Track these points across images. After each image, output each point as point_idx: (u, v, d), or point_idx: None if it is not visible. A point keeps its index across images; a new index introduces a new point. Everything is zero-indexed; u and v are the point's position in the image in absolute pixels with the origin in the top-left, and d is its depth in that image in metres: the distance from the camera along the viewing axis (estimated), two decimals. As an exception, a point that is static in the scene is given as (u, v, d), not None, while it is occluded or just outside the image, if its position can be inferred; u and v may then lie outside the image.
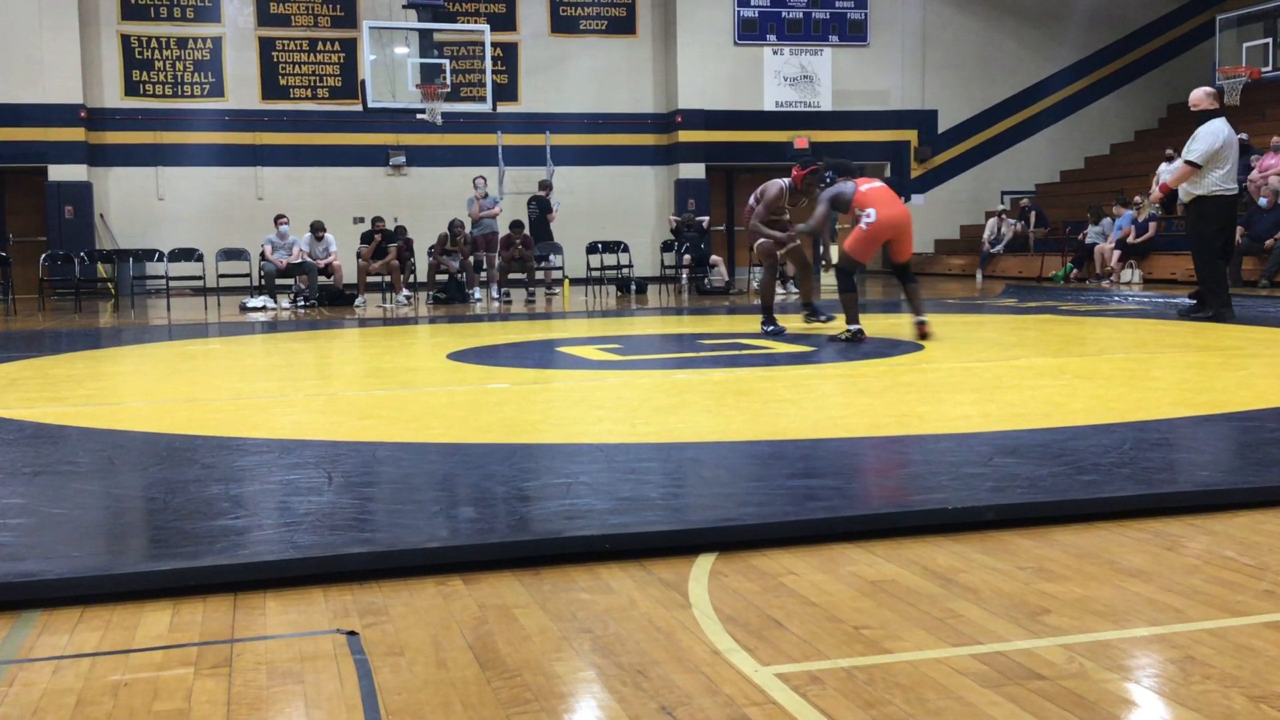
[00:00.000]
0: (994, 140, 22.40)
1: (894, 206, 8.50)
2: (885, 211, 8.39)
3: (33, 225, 19.05)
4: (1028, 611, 2.57)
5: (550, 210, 17.34)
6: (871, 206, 8.38)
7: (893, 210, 8.45)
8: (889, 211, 8.41)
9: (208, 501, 3.58)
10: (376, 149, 20.06)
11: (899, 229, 8.49)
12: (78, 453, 4.52)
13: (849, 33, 21.48)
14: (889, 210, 8.41)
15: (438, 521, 3.35)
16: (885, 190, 8.61)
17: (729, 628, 2.50)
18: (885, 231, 8.45)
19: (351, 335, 10.76)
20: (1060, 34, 22.45)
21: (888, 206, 8.43)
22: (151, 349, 9.59)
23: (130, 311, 14.66)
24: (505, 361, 7.99)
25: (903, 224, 8.50)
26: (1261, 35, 17.34)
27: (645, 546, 3.06)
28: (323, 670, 2.31)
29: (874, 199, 8.44)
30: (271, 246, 15.28)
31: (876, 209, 8.37)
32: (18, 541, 3.13)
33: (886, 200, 8.49)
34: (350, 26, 19.68)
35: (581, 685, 2.22)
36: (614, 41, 20.99)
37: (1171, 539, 3.14)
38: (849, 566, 2.94)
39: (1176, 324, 9.45)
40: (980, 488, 3.58)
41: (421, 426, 5.03)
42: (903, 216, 8.53)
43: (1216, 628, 2.45)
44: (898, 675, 2.22)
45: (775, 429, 4.77)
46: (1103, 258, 16.64)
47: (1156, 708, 2.07)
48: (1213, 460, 4.18)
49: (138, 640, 2.51)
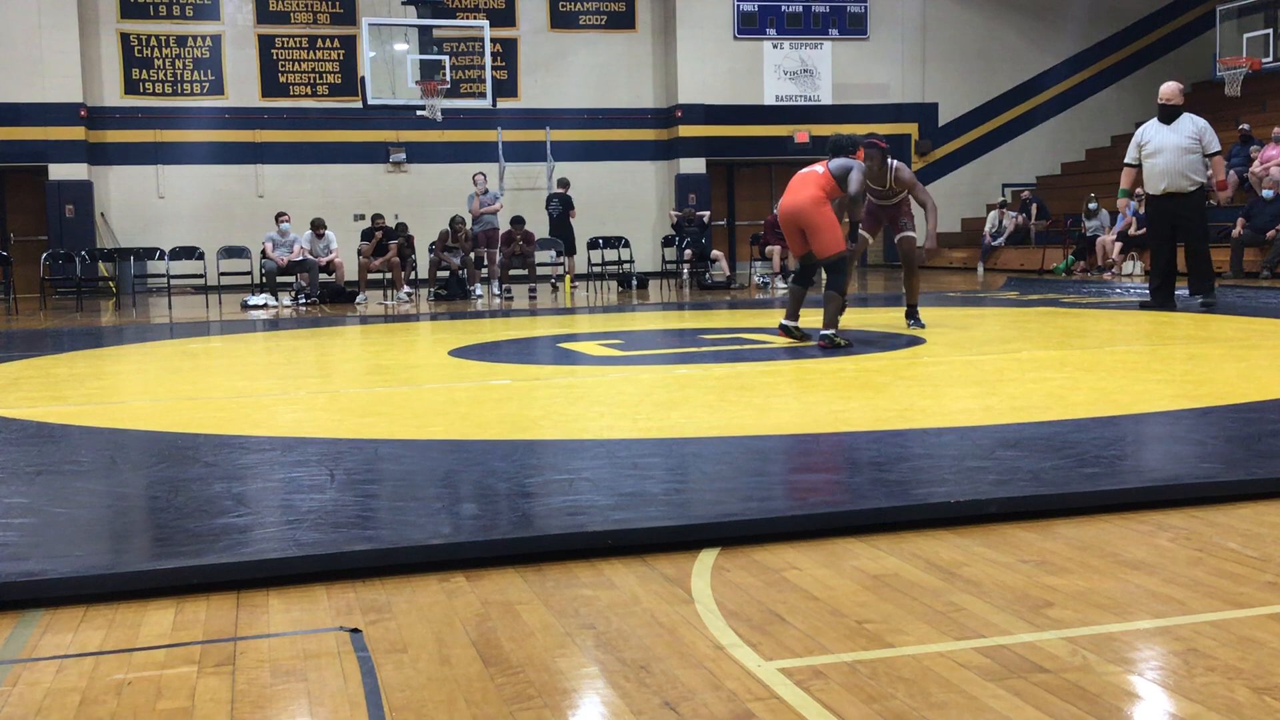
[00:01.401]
0: (994, 133, 22.37)
1: (795, 194, 7.59)
2: (783, 200, 7.71)
3: (33, 224, 19.05)
4: (1030, 604, 2.57)
5: (573, 207, 17.41)
6: None
7: (788, 199, 7.63)
8: (785, 200, 7.68)
9: (210, 500, 3.58)
10: (377, 146, 20.04)
11: (795, 218, 7.57)
12: (80, 452, 4.53)
13: (849, 26, 21.44)
14: (786, 198, 7.65)
15: (440, 518, 3.35)
16: (803, 175, 7.68)
17: (732, 623, 2.51)
18: (784, 222, 7.70)
19: (353, 332, 10.76)
20: (1060, 26, 22.41)
21: (789, 194, 7.64)
22: (153, 347, 9.59)
23: (131, 310, 14.66)
24: (507, 358, 7.99)
25: (796, 212, 7.55)
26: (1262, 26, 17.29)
27: (648, 542, 3.06)
28: (326, 668, 2.32)
29: (789, 186, 7.70)
30: (272, 244, 15.27)
31: (783, 196, 7.75)
32: (21, 541, 3.13)
33: (795, 186, 7.64)
34: (350, 23, 19.66)
35: (585, 681, 2.22)
36: (613, 36, 20.96)
37: (1174, 531, 3.14)
38: (851, 561, 2.94)
39: (1178, 316, 9.44)
40: (982, 481, 3.58)
41: (423, 423, 5.03)
42: (795, 205, 7.56)
43: (1219, 620, 2.45)
44: (901, 669, 2.22)
45: (777, 424, 4.77)
46: (1104, 250, 16.63)
47: (1160, 700, 2.07)
48: (1215, 452, 4.18)
49: (141, 639, 2.52)
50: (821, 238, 7.52)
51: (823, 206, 7.56)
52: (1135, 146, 9.88)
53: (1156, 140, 9.66)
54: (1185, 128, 9.60)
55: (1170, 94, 9.71)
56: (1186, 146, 9.55)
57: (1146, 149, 9.73)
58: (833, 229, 7.58)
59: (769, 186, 22.11)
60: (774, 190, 21.84)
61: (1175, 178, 9.59)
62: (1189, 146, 9.55)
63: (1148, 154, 9.74)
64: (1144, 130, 9.88)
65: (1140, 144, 9.81)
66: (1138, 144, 9.84)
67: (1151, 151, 9.69)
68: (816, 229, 7.51)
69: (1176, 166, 9.57)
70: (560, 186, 17.78)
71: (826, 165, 7.66)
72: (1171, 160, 9.57)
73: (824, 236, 7.52)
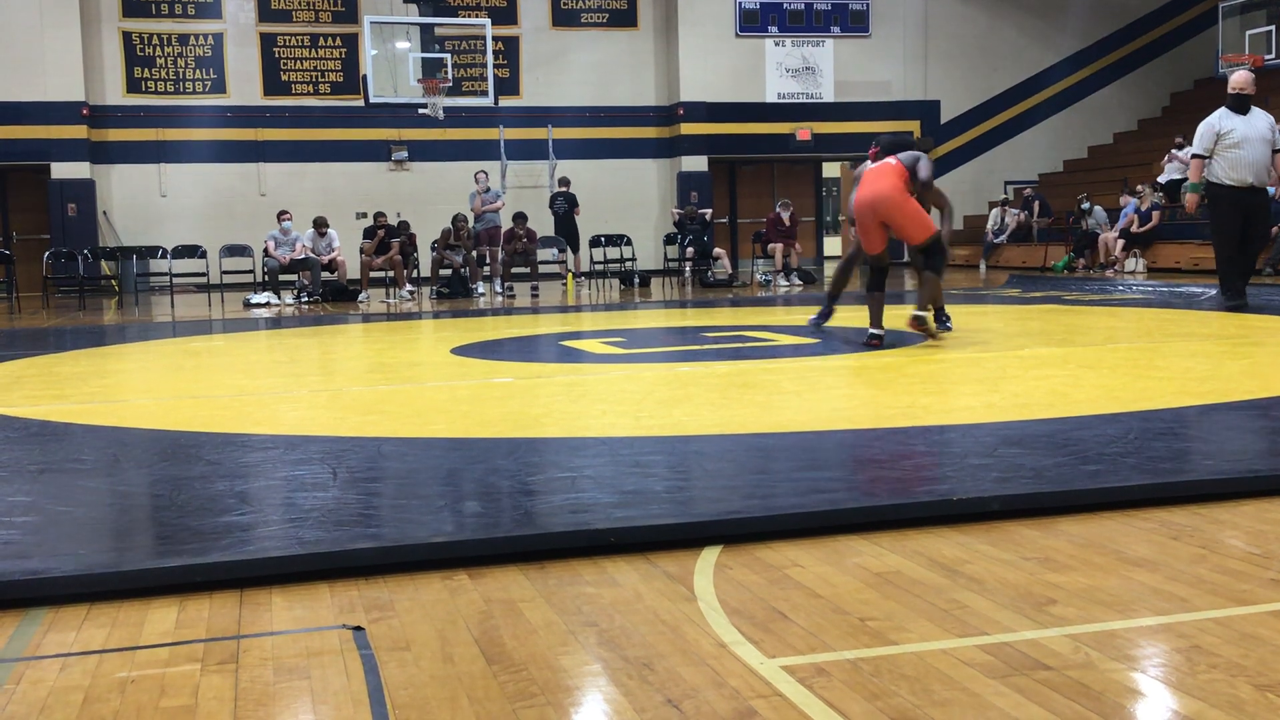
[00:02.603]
0: (996, 130, 22.35)
1: (873, 185, 7.44)
2: (860, 194, 7.52)
3: (36, 223, 19.07)
4: (1033, 602, 2.57)
5: (578, 205, 17.42)
6: (857, 189, 7.61)
7: (868, 191, 7.45)
8: (864, 193, 7.48)
9: (213, 498, 3.58)
10: (378, 144, 20.05)
11: (878, 210, 7.41)
12: (83, 450, 4.53)
13: (850, 23, 21.42)
14: (864, 191, 7.48)
15: (443, 516, 3.36)
16: (881, 167, 7.56)
17: (734, 620, 2.51)
18: (863, 215, 7.50)
19: (355, 331, 10.76)
20: (1062, 23, 22.39)
21: (866, 187, 7.48)
22: (155, 346, 9.60)
23: (134, 308, 14.67)
24: (509, 356, 7.99)
25: (880, 203, 7.38)
26: (1264, 23, 17.27)
27: (650, 540, 3.06)
28: (329, 665, 2.32)
29: (862, 180, 7.60)
30: (274, 242, 15.28)
31: (856, 191, 7.59)
32: (24, 539, 3.14)
33: (869, 179, 7.52)
34: (351, 22, 19.66)
35: (588, 679, 2.22)
36: (615, 34, 20.95)
37: (1177, 528, 3.14)
38: (854, 558, 2.94)
39: (1181, 313, 9.43)
40: (985, 478, 3.58)
41: (425, 421, 5.03)
42: (873, 198, 7.41)
43: (1222, 617, 2.45)
44: (903, 667, 2.22)
45: (779, 421, 4.77)
46: (1106, 246, 16.62)
47: (1163, 697, 2.07)
48: (1218, 449, 4.18)
49: (144, 637, 2.52)
50: (911, 224, 7.45)
51: (907, 194, 7.43)
52: (1212, 137, 9.15)
53: (1241, 130, 9.04)
54: (1261, 120, 9.11)
55: (1244, 83, 9.12)
56: (1269, 139, 9.04)
57: (1227, 139, 9.07)
58: (920, 214, 7.48)
59: (770, 184, 22.10)
60: (775, 188, 21.85)
61: (1260, 171, 9.05)
62: (1270, 139, 9.05)
63: (1229, 144, 9.07)
64: (1219, 120, 9.16)
65: (1220, 133, 9.10)
66: (1215, 133, 9.12)
67: (1236, 141, 9.04)
68: (905, 216, 7.41)
69: (1263, 159, 9.05)
70: (562, 185, 17.80)
71: (896, 159, 7.54)
72: (1259, 152, 9.02)
73: (914, 223, 7.45)
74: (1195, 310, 9.56)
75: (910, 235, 7.52)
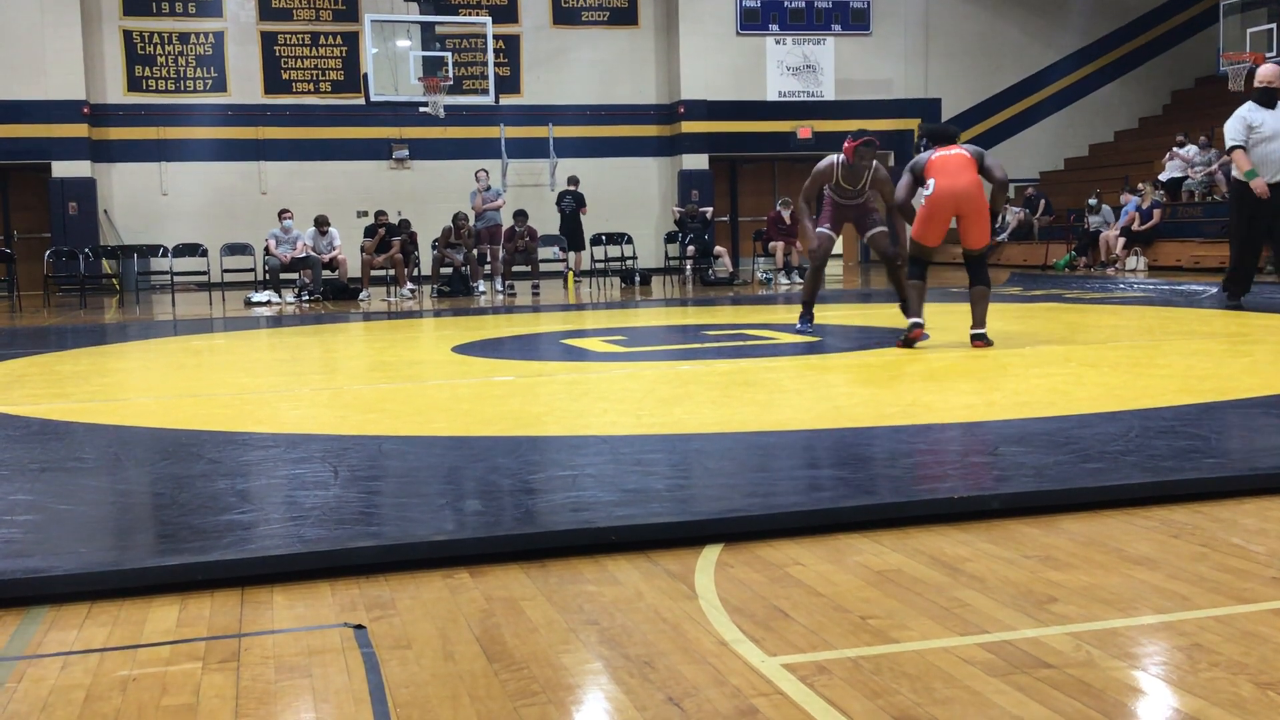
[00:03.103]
0: (998, 128, 22.34)
1: (958, 177, 7.01)
2: (944, 182, 7.01)
3: (37, 222, 19.08)
4: (1034, 600, 2.57)
5: (584, 204, 17.42)
6: (933, 177, 7.06)
7: (954, 181, 7.00)
8: (949, 183, 7.00)
9: (214, 496, 3.58)
10: (379, 142, 20.05)
11: (961, 204, 7.03)
12: (84, 449, 4.53)
13: (851, 21, 21.42)
14: (949, 181, 7.00)
15: (444, 515, 3.36)
16: (956, 157, 7.12)
17: (735, 618, 2.51)
18: (944, 207, 7.04)
19: (356, 329, 10.76)
20: (1063, 21, 22.38)
21: (950, 177, 7.01)
22: (156, 344, 9.60)
23: (135, 307, 14.67)
24: (510, 354, 7.99)
25: (965, 197, 7.01)
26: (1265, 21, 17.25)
27: (651, 538, 3.06)
28: (330, 664, 2.32)
29: (938, 168, 7.08)
30: (275, 241, 15.28)
31: (936, 179, 7.04)
32: (25, 538, 3.14)
33: (952, 169, 7.05)
34: (352, 20, 19.66)
35: (589, 677, 2.22)
36: (616, 32, 20.95)
37: (1178, 527, 3.14)
38: (855, 556, 2.94)
39: (1182, 311, 9.43)
40: (986, 477, 3.58)
41: (426, 420, 5.03)
42: (966, 189, 7.00)
43: (1224, 615, 2.45)
44: (905, 665, 2.22)
45: (780, 419, 4.77)
46: (1107, 245, 16.61)
47: (1164, 695, 2.07)
48: (1219, 447, 4.18)
49: (145, 635, 2.52)
50: (982, 226, 7.16)
51: (984, 193, 7.15)
52: (1244, 129, 8.87)
53: (1270, 125, 8.78)
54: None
55: (1273, 75, 8.86)
56: None
57: (1257, 133, 8.81)
58: (989, 217, 7.23)
59: (771, 182, 22.11)
60: (776, 186, 21.84)
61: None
62: None
63: (1259, 139, 8.82)
64: (1249, 114, 8.91)
65: (1251, 126, 8.83)
66: (1247, 125, 8.85)
67: (1265, 136, 8.79)
68: (980, 216, 7.11)
69: None
70: (570, 184, 17.82)
71: (965, 151, 7.19)
72: None
73: (983, 225, 7.17)
74: (1196, 308, 9.55)
75: (976, 237, 7.21)
